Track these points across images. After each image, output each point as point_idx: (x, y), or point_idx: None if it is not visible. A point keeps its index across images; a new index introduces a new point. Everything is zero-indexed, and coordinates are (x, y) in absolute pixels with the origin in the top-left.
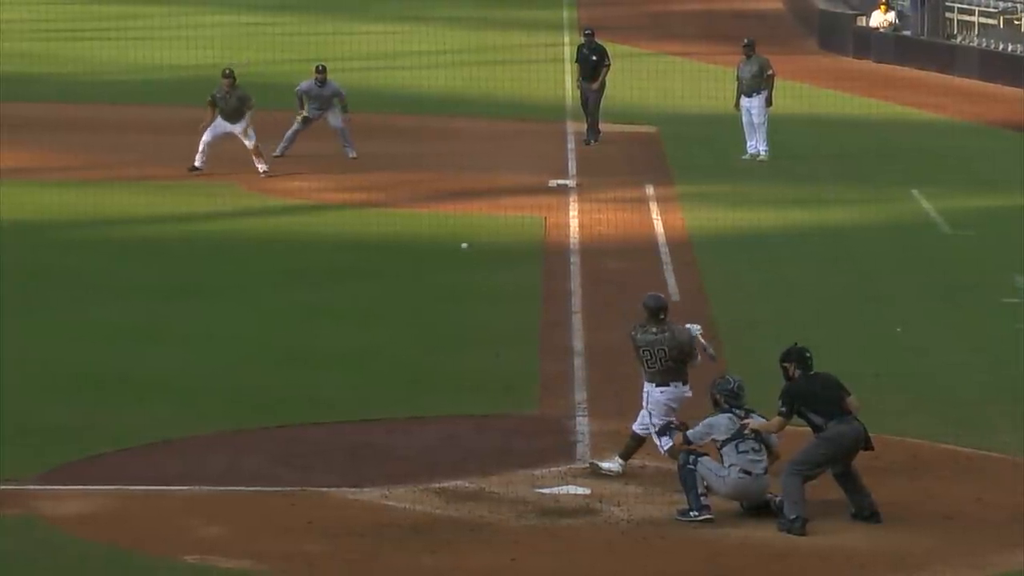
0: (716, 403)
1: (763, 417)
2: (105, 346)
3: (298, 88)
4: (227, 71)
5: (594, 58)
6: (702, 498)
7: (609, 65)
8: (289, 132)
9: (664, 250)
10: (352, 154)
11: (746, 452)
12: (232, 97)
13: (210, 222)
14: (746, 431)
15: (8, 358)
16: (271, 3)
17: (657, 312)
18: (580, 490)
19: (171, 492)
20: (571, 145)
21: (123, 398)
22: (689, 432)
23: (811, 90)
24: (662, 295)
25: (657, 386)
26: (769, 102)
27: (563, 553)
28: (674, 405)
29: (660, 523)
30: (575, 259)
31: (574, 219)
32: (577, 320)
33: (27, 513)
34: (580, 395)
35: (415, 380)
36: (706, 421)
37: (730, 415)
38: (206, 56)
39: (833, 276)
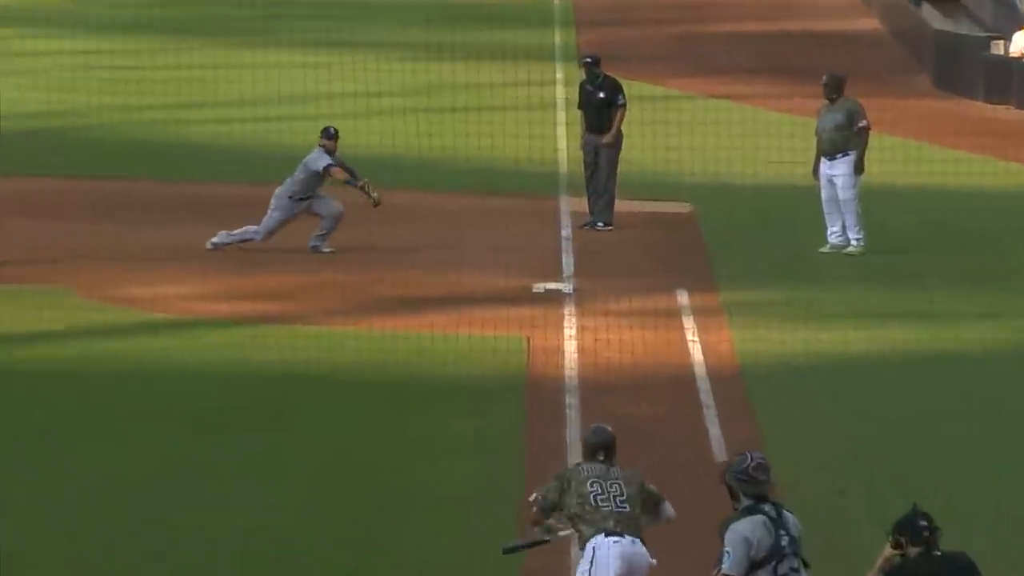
0: (733, 495)
1: (792, 513)
2: None
3: (324, 164)
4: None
5: (601, 95)
6: None
7: (624, 106)
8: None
9: (704, 387)
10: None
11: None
12: None
13: (44, 344)
14: (783, 543)
15: None
16: (122, 20)
17: (597, 451)
18: None
19: None
20: (567, 231)
21: None
22: (724, 566)
23: (923, 150)
24: (609, 428)
25: (607, 535)
26: (860, 168)
27: None
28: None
29: None
30: (571, 399)
31: (571, 341)
32: None
33: None
34: None
35: (343, 570)
36: (733, 535)
37: (763, 518)
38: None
39: (950, 421)
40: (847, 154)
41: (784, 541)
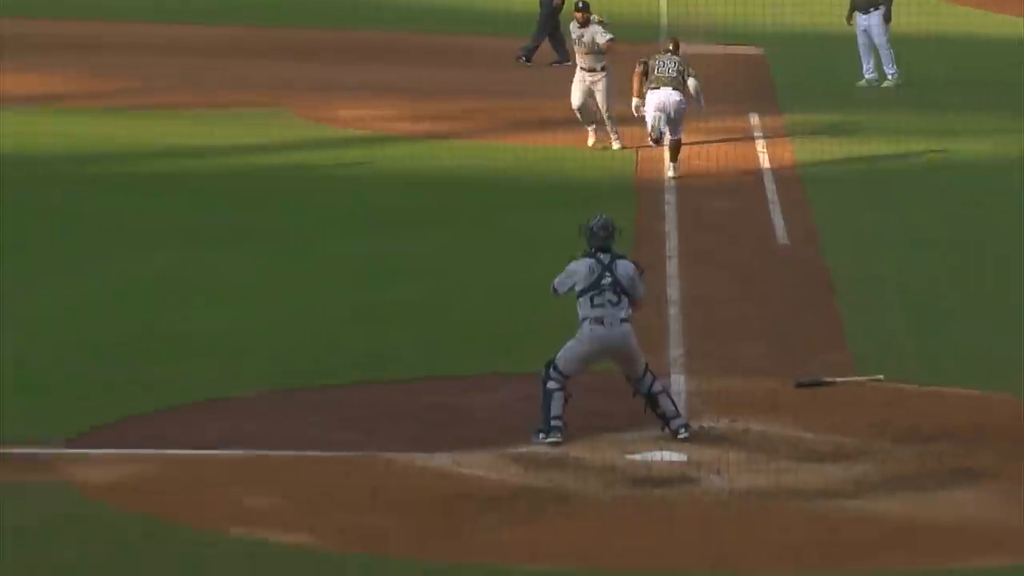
0: (587, 244)
1: (627, 260)
2: (139, 299)
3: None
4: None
5: None
6: (553, 420)
7: None
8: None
9: (771, 187)
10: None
11: (602, 304)
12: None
13: (258, 155)
14: (604, 281)
15: (34, 313)
16: None
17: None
18: (676, 456)
19: (214, 456)
20: None
21: (162, 357)
22: (555, 281)
23: (944, 5)
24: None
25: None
26: (888, 18)
27: (657, 527)
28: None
29: (767, 494)
30: (670, 197)
31: (667, 151)
32: (673, 266)
33: (56, 479)
34: (676, 350)
35: (489, 335)
36: (568, 267)
37: (592, 261)
38: None
39: (966, 221)
40: (878, 8)
41: (605, 280)
